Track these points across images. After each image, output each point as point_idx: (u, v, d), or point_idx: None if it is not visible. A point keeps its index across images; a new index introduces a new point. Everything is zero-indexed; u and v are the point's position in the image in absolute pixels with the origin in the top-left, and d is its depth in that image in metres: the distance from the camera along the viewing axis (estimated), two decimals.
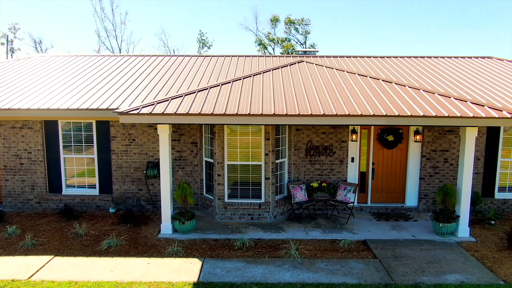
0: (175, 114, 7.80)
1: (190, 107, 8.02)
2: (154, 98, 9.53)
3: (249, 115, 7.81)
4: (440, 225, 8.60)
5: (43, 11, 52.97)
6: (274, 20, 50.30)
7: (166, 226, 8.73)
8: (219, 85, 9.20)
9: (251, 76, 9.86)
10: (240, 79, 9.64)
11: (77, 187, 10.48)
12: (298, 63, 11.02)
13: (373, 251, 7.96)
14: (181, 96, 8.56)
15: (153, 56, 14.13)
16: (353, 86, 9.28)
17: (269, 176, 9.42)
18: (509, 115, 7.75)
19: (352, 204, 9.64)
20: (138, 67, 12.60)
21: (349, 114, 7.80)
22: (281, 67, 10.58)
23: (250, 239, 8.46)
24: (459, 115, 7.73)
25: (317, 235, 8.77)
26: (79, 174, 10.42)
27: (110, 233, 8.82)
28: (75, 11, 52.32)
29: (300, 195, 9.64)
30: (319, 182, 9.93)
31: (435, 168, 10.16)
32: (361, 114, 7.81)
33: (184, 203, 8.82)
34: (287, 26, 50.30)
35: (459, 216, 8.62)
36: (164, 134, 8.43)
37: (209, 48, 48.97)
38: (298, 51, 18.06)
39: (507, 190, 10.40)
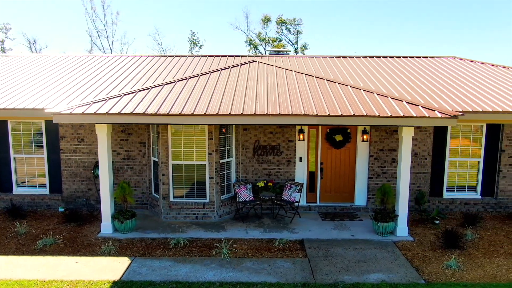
0: (107, 114, 7.84)
1: (124, 107, 8.06)
2: (94, 98, 9.55)
3: (180, 114, 7.85)
4: (378, 224, 8.63)
5: (39, 11, 53.11)
6: (266, 20, 50.29)
7: (106, 225, 8.78)
8: (162, 85, 9.24)
9: (197, 76, 9.90)
10: (186, 78, 9.68)
11: (28, 186, 10.54)
12: (250, 63, 11.06)
13: (306, 250, 7.99)
14: (120, 96, 8.61)
15: (123, 56, 14.18)
16: (296, 85, 9.31)
17: (213, 175, 9.45)
18: (439, 115, 7.77)
19: (297, 203, 9.66)
20: (98, 67, 12.64)
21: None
22: (231, 67, 10.61)
23: (188, 238, 8.50)
24: (389, 114, 7.76)
25: (256, 235, 8.80)
26: (29, 173, 10.48)
27: (51, 232, 8.87)
28: (70, 11, 52.47)
29: (245, 194, 9.67)
30: (265, 181, 9.96)
31: (383, 167, 10.19)
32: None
33: (124, 203, 8.86)
34: (278, 26, 50.27)
35: (398, 215, 8.65)
36: (102, 134, 8.47)
37: (200, 48, 48.95)
38: (270, 50, 18.08)
39: (455, 189, 10.42)
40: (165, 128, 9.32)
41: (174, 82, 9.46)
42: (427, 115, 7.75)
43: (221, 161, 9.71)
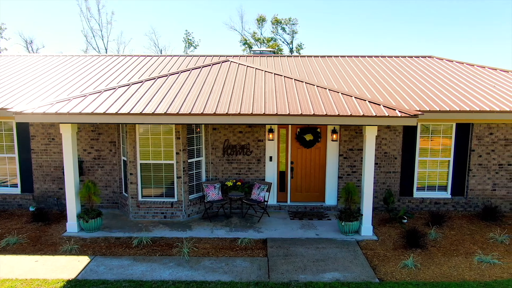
0: (68, 113, 7.87)
1: (86, 107, 8.08)
2: (56, 97, 9.58)
3: (141, 114, 7.88)
4: (343, 223, 8.64)
5: (35, 11, 53.20)
6: (261, 20, 50.30)
7: (71, 225, 8.80)
8: (129, 85, 9.27)
9: (167, 76, 9.92)
10: (154, 78, 9.70)
11: (0, 186, 10.57)
12: (222, 62, 11.07)
13: (267, 249, 8.00)
14: (85, 95, 8.63)
15: (101, 56, 14.21)
16: (263, 85, 9.33)
17: (181, 175, 9.47)
18: (399, 114, 7.78)
19: (266, 202, 9.68)
20: (74, 66, 12.68)
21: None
22: (203, 67, 10.63)
23: (151, 237, 8.52)
24: (349, 113, 7.77)
25: (221, 234, 8.82)
26: (1, 173, 10.50)
27: (17, 231, 8.90)
28: (65, 11, 52.57)
29: (213, 194, 9.69)
30: (234, 181, 9.98)
31: (352, 167, 10.19)
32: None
33: (89, 202, 8.88)
34: (274, 26, 50.28)
35: (362, 214, 8.66)
36: (66, 134, 8.49)
37: (195, 48, 48.97)
38: (254, 50, 18.09)
39: (426, 189, 10.42)
40: (132, 127, 9.34)
41: (141, 82, 9.48)
42: (387, 114, 7.77)
43: (190, 160, 9.73)
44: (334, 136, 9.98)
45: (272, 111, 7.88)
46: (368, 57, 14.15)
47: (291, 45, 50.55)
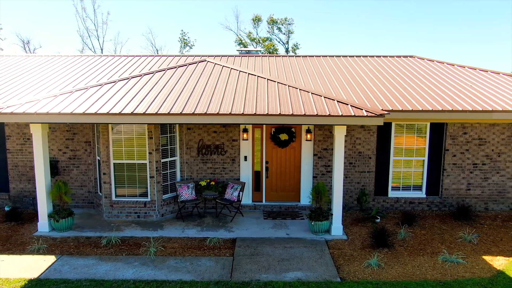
0: (35, 113, 7.90)
1: (54, 107, 8.11)
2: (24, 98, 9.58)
3: (107, 114, 7.90)
4: (313, 223, 8.65)
5: (32, 11, 53.28)
6: (256, 20, 50.26)
7: (43, 224, 8.83)
8: (101, 85, 9.29)
9: (141, 76, 9.94)
10: (128, 78, 9.72)
11: None
12: (199, 62, 11.09)
13: (235, 249, 8.02)
14: (55, 95, 8.65)
15: (83, 56, 14.25)
16: (235, 84, 9.34)
17: (153, 174, 9.49)
18: (365, 113, 7.79)
19: (239, 202, 9.69)
20: (54, 66, 12.71)
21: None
22: (178, 67, 10.65)
23: (121, 237, 8.54)
24: (315, 113, 7.78)
25: (192, 233, 8.84)
26: None
27: None
28: (62, 11, 52.65)
29: (186, 193, 9.71)
30: (208, 180, 10.00)
31: (327, 166, 10.20)
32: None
33: (60, 202, 8.90)
34: (270, 26, 50.21)
35: (332, 214, 8.67)
36: (37, 134, 8.51)
37: (191, 48, 48.93)
38: (241, 50, 18.09)
39: (401, 188, 10.42)
40: (105, 127, 9.37)
41: (114, 82, 9.51)
42: (353, 114, 7.77)
43: (164, 160, 9.75)
44: (309, 136, 9.99)
45: (238, 111, 7.89)
46: (349, 57, 14.16)
47: (287, 45, 50.50)
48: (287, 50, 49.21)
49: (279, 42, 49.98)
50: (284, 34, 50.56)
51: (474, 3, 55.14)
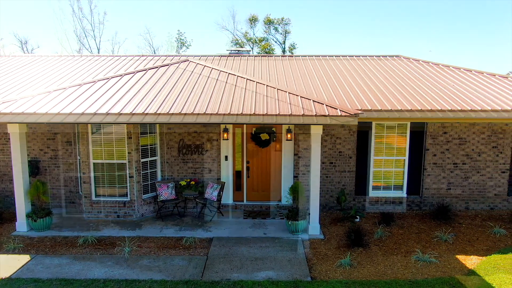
0: (11, 113, 7.92)
1: (31, 106, 8.13)
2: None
3: (82, 114, 7.91)
4: (290, 222, 8.66)
5: (29, 11, 53.37)
6: (253, 20, 50.24)
7: (21, 224, 8.85)
8: (80, 85, 9.31)
9: (121, 76, 9.96)
10: (108, 78, 9.74)
11: None
12: (181, 62, 11.10)
13: (210, 248, 8.03)
14: (32, 95, 8.68)
15: (69, 56, 14.28)
16: (214, 84, 9.35)
17: (133, 174, 9.51)
18: (340, 113, 7.80)
19: (218, 202, 9.70)
20: (39, 66, 12.74)
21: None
22: (160, 67, 10.67)
23: (98, 236, 8.55)
24: (289, 112, 7.79)
25: (169, 233, 8.85)
26: None
27: None
28: (60, 11, 52.73)
29: (166, 193, 9.73)
30: (188, 180, 10.02)
31: (307, 166, 10.21)
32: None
33: (38, 201, 8.93)
34: (266, 26, 50.21)
35: (309, 214, 8.68)
36: (14, 133, 8.54)
37: (188, 48, 48.92)
38: (231, 49, 18.11)
39: (382, 188, 10.43)
40: (85, 127, 9.39)
41: (94, 81, 9.53)
42: (327, 113, 7.78)
43: (144, 160, 9.77)
44: (289, 135, 10.00)
45: (213, 111, 7.91)
46: (336, 57, 14.16)
47: (283, 45, 50.46)
48: (283, 50, 49.19)
49: (275, 42, 49.96)
50: (281, 34, 50.51)
51: (474, 3, 55.13)
